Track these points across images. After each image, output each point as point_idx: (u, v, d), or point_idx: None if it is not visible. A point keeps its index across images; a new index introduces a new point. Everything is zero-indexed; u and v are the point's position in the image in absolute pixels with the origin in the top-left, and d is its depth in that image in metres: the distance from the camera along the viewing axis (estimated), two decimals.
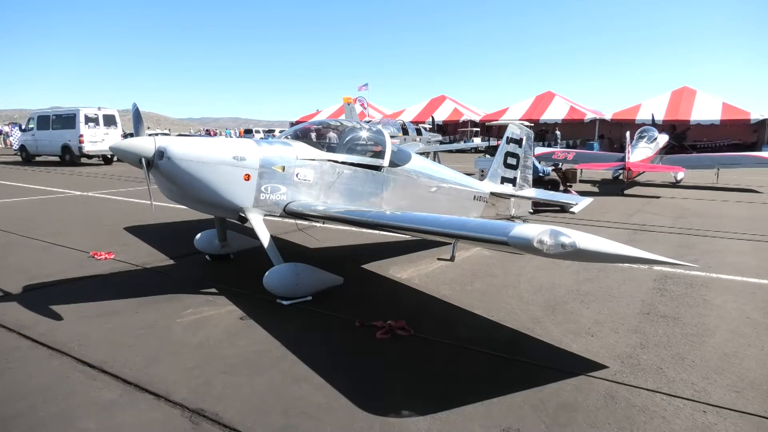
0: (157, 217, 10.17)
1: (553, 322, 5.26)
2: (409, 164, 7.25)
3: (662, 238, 9.40)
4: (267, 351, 4.51)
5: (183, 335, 4.85)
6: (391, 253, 7.99)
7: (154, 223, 10.08)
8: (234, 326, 5.05)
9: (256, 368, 4.23)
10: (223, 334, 4.88)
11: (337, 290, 6.03)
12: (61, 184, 17.79)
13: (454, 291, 6.22)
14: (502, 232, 3.99)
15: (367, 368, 4.25)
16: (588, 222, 10.86)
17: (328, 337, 4.84)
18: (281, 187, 6.02)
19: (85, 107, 26.32)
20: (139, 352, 4.49)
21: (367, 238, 9.03)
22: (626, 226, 10.49)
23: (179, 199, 5.97)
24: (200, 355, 4.44)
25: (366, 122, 14.69)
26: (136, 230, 9.53)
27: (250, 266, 7.14)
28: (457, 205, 7.98)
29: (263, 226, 5.91)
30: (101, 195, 14.90)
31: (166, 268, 7.12)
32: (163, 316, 5.28)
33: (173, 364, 4.30)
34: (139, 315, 5.33)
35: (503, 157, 9.18)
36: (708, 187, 17.63)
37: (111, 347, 4.58)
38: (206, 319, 5.24)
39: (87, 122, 25.81)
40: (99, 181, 19.34)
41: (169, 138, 5.88)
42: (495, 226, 4.24)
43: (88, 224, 10.32)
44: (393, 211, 6.18)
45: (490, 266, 7.39)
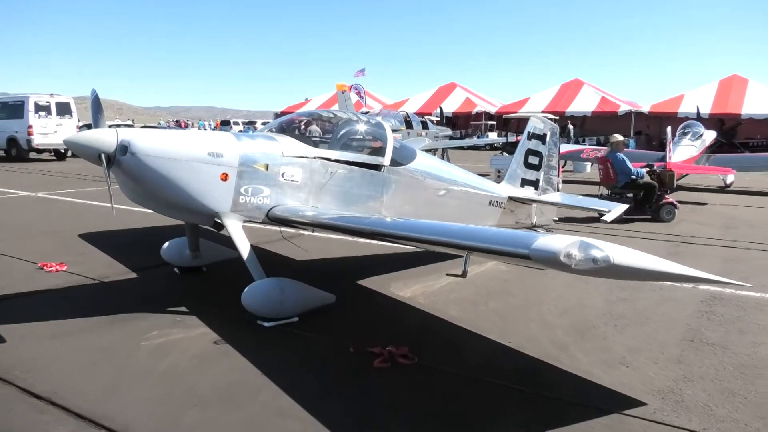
0: (118, 223, 10.18)
1: (581, 349, 5.25)
2: (414, 163, 7.26)
3: (708, 251, 9.41)
4: (245, 381, 4.50)
5: (147, 361, 4.83)
6: (392, 266, 7.99)
7: (114, 229, 10.08)
8: (207, 351, 5.03)
9: (232, 401, 4.21)
10: (194, 360, 4.86)
11: (329, 310, 6.02)
12: (6, 182, 17.81)
13: (465, 312, 6.21)
14: (523, 243, 3.98)
15: (363, 402, 4.23)
16: (620, 232, 10.88)
17: (318, 365, 4.82)
18: (264, 189, 6.03)
19: (35, 94, 26.38)
20: (95, 381, 4.47)
21: (363, 249, 9.02)
22: (666, 238, 10.51)
23: (144, 201, 5.97)
24: (167, 385, 4.42)
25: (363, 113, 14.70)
26: (93, 237, 9.53)
27: (227, 281, 7.13)
28: (470, 212, 7.99)
29: (242, 234, 5.91)
30: (53, 196, 14.91)
31: (128, 282, 7.11)
32: (124, 339, 5.27)
33: (135, 394, 4.27)
34: (96, 337, 5.31)
35: (524, 155, 9.20)
36: (762, 193, 17.67)
37: (62, 375, 4.56)
38: (174, 342, 5.23)
39: (37, 111, 25.87)
40: (50, 179, 19.34)
41: (133, 130, 5.89)
42: (514, 237, 4.24)
43: (37, 230, 10.32)
44: (395, 218, 6.19)
45: (507, 283, 7.39)
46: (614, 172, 12.94)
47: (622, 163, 12.91)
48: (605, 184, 13.41)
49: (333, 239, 9.52)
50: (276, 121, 7.27)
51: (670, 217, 12.45)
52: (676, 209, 12.61)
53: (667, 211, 12.52)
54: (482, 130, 47.46)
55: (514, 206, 8.77)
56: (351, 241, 9.32)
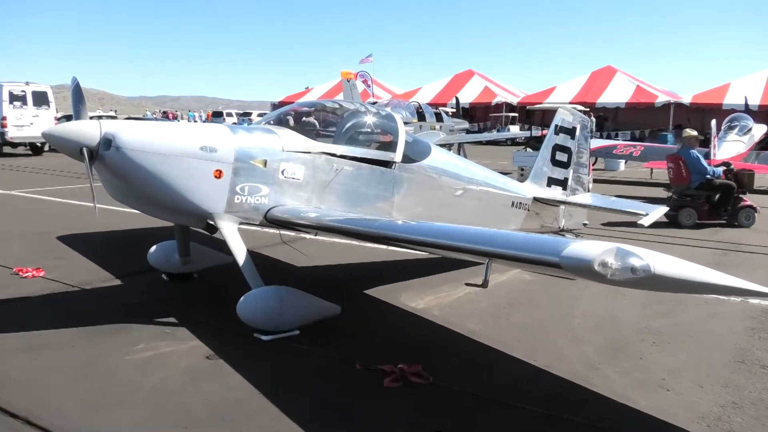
0: (101, 224, 10.21)
1: (616, 369, 5.22)
2: (428, 159, 7.26)
3: (760, 261, 9.33)
4: (240, 400, 4.50)
5: (133, 377, 4.84)
6: (404, 274, 7.98)
7: (96, 231, 10.13)
8: (198, 367, 5.04)
9: (226, 422, 4.21)
10: (185, 376, 4.87)
11: (333, 322, 6.01)
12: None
13: (485, 326, 6.19)
14: (552, 250, 3.96)
15: (371, 426, 4.22)
16: (659, 238, 10.81)
17: (321, 384, 4.81)
18: (262, 188, 6.03)
19: (9, 82, 26.59)
20: (75, 398, 4.48)
21: (371, 254, 9.02)
22: (712, 245, 10.43)
23: (130, 200, 5.99)
24: (154, 404, 4.43)
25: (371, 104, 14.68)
26: (73, 240, 9.58)
27: (220, 289, 7.14)
28: (490, 214, 7.97)
29: (238, 237, 5.92)
30: (29, 194, 15.01)
31: (112, 289, 7.13)
32: (108, 352, 5.28)
33: (120, 414, 4.28)
34: (77, 350, 5.33)
35: (551, 151, 9.16)
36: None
37: (39, 391, 4.58)
38: (163, 356, 5.24)
39: (12, 101, 26.07)
40: (26, 176, 19.48)
41: (118, 122, 5.92)
42: (542, 243, 4.22)
43: (12, 232, 10.39)
44: (407, 221, 6.17)
45: (532, 294, 7.37)
46: (687, 171, 12.48)
47: (696, 161, 12.41)
48: (676, 186, 12.91)
49: (338, 244, 9.52)
50: (274, 113, 7.27)
51: (750, 222, 12.08)
52: (756, 213, 12.19)
53: (746, 215, 12.16)
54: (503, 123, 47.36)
55: (539, 208, 8.73)
56: (358, 246, 9.31)
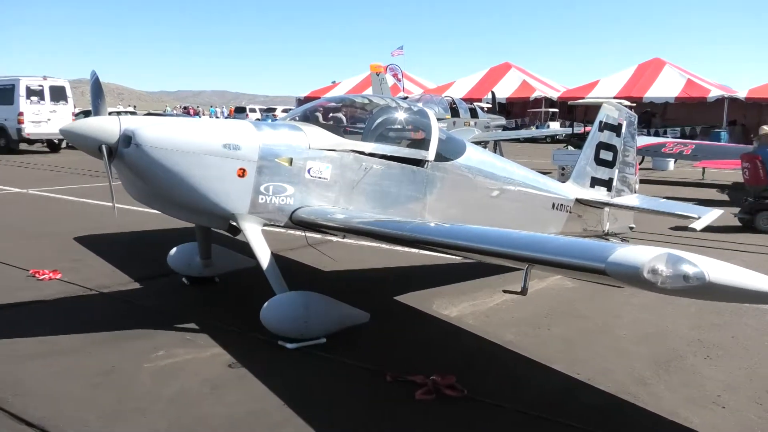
0: (120, 225, 10.38)
1: (666, 384, 5.15)
2: (463, 158, 7.24)
3: None
4: (264, 412, 4.52)
5: (152, 386, 4.90)
6: (436, 280, 7.97)
7: (115, 232, 10.28)
8: (220, 376, 5.08)
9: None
10: (206, 386, 4.91)
11: (362, 330, 6.02)
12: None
13: (524, 336, 6.16)
14: (597, 255, 3.91)
15: None
16: (711, 243, 10.61)
17: (348, 396, 4.82)
18: (287, 187, 6.06)
19: (26, 76, 27.12)
20: (92, 408, 4.54)
21: (402, 258, 9.01)
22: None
23: (150, 200, 6.06)
24: (174, 414, 4.47)
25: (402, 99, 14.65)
26: (91, 241, 9.73)
27: (243, 294, 7.19)
28: (529, 216, 7.92)
29: (262, 239, 5.95)
30: (46, 193, 15.30)
31: (130, 293, 7.23)
32: (126, 359, 5.35)
33: (138, 424, 4.33)
34: (94, 356, 5.41)
35: (594, 149, 9.07)
36: None
37: (56, 400, 4.65)
38: (183, 364, 5.29)
39: (29, 96, 26.57)
40: (43, 174, 19.86)
41: (138, 119, 5.99)
42: (586, 247, 4.17)
43: (28, 232, 10.59)
44: (440, 223, 6.15)
45: (574, 303, 7.30)
46: (765, 171, 12.24)
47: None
48: (752, 187, 12.61)
49: (366, 247, 9.53)
50: (300, 109, 7.30)
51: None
52: None
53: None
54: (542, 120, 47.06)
55: (582, 210, 8.66)
56: (388, 249, 9.32)
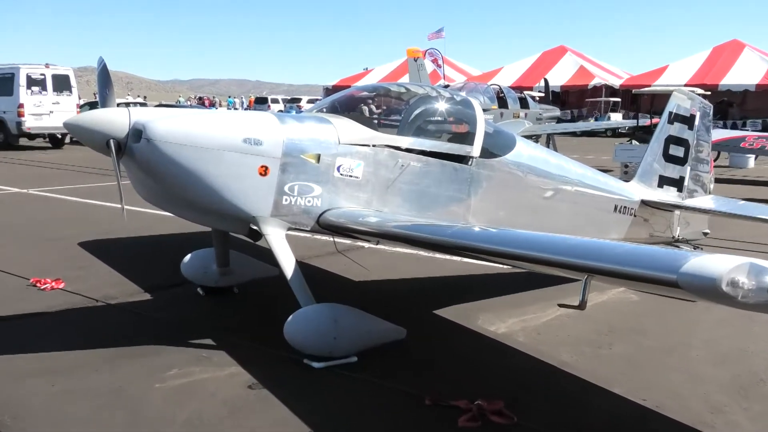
0: (129, 229, 10.52)
1: (746, 413, 5.05)
2: (512, 154, 7.19)
3: None
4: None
5: (164, 408, 4.94)
6: (482, 292, 7.93)
7: (123, 236, 10.43)
8: (239, 398, 5.11)
9: None
10: (223, 408, 4.94)
11: (397, 348, 6.01)
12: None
13: (582, 357, 6.10)
14: (667, 265, 3.86)
15: None
16: None
17: (382, 421, 4.81)
18: (314, 187, 6.08)
19: (26, 64, 27.66)
20: (99, 431, 4.60)
21: (443, 267, 8.99)
22: None
23: (161, 201, 6.13)
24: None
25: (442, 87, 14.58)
26: (97, 247, 9.88)
27: (264, 306, 7.23)
28: (588, 220, 7.86)
29: (286, 245, 5.98)
30: (47, 193, 15.57)
31: (140, 305, 7.32)
32: (135, 378, 5.41)
33: None
34: (101, 374, 5.48)
35: (663, 144, 8.96)
36: None
37: (58, 423, 4.71)
38: (198, 384, 5.33)
39: (29, 86, 27.09)
40: (44, 172, 20.21)
41: (149, 111, 6.06)
42: (655, 256, 4.12)
43: (28, 237, 10.78)
44: (485, 227, 6.12)
45: (639, 318, 7.22)
46: None
47: None
48: None
49: (402, 254, 9.53)
50: (328, 99, 7.32)
51: None
52: None
53: None
54: (602, 110, 46.62)
55: (648, 213, 8.56)
56: (427, 257, 9.29)
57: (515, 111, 24.00)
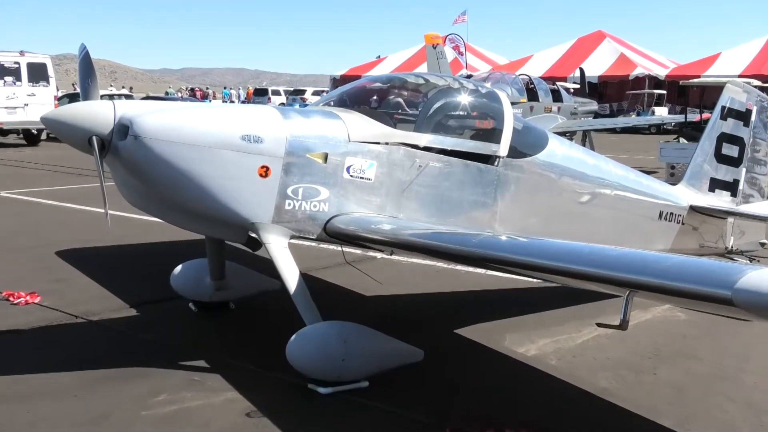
0: (113, 236, 10.50)
1: None
2: (544, 153, 7.19)
3: None
4: None
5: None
6: (509, 309, 7.92)
7: (107, 245, 10.44)
8: (236, 427, 5.11)
9: None
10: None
11: (414, 372, 5.99)
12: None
13: (622, 383, 6.08)
14: (721, 280, 3.85)
15: None
16: None
17: None
18: (321, 190, 6.09)
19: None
20: None
21: (465, 281, 8.98)
22: None
23: (150, 205, 6.15)
24: None
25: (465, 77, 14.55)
26: (77, 257, 9.92)
27: (264, 324, 7.23)
28: (630, 228, 7.85)
29: (289, 255, 5.98)
30: (21, 196, 15.62)
31: (125, 322, 7.33)
32: (119, 404, 5.41)
33: None
34: (81, 400, 5.48)
35: (715, 143, 8.93)
36: None
37: None
38: (190, 411, 5.34)
39: (2, 76, 27.22)
40: (18, 172, 20.31)
41: (136, 104, 6.09)
42: (707, 269, 4.10)
43: (0, 245, 10.80)
44: (514, 236, 6.10)
45: (688, 340, 7.19)
46: None
47: None
48: None
49: (419, 266, 9.52)
50: (336, 91, 7.33)
51: None
52: None
53: None
54: (645, 104, 46.45)
55: (698, 221, 8.54)
56: (447, 269, 9.29)
57: (547, 105, 23.98)
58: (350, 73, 56.51)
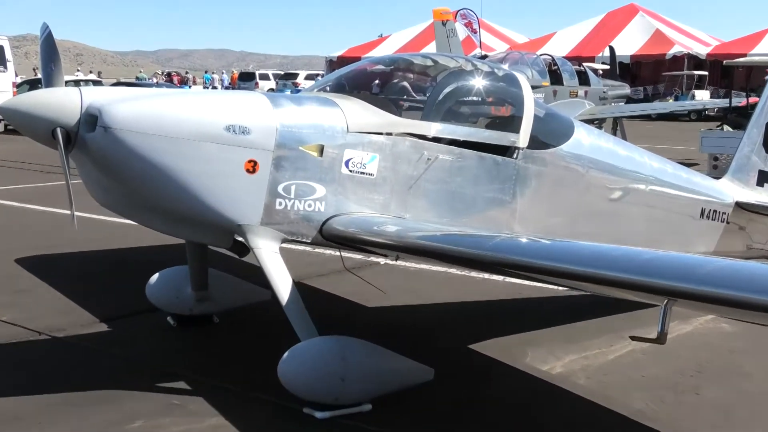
0: (80, 241, 10.54)
1: None
2: (570, 143, 7.20)
3: None
4: None
5: None
6: (531, 321, 7.94)
7: (73, 251, 10.46)
8: None
9: None
10: None
11: (423, 393, 5.98)
12: None
13: (661, 404, 6.07)
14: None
15: None
16: None
17: None
18: (316, 187, 6.09)
19: None
20: None
21: (480, 289, 9.00)
22: None
23: (122, 206, 6.16)
24: None
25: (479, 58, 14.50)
26: (39, 265, 9.91)
27: (253, 340, 7.23)
28: (667, 228, 7.87)
29: (280, 262, 5.98)
30: None
31: (95, 338, 7.33)
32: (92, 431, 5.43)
33: None
34: (45, 429, 5.47)
35: (764, 130, 8.93)
36: None
37: None
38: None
39: None
40: None
41: (105, 91, 6.09)
42: (757, 274, 4.11)
43: None
44: (536, 238, 6.10)
45: (734, 355, 7.20)
46: None
47: None
48: None
49: (428, 273, 9.54)
50: (334, 75, 7.34)
51: None
52: None
53: None
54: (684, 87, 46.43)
55: (744, 219, 8.57)
56: (460, 276, 9.29)
57: (572, 88, 23.96)
58: (349, 54, 56.55)
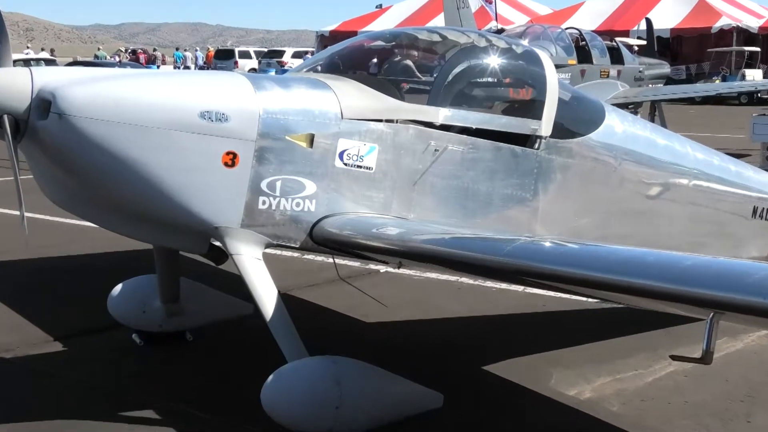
0: (31, 246, 10.51)
1: None
2: (600, 132, 7.22)
3: None
4: None
5: None
6: (555, 338, 7.95)
7: (22, 258, 10.45)
8: None
9: None
10: None
11: (430, 421, 5.99)
12: None
13: None
14: None
15: None
16: None
17: None
18: (306, 183, 6.09)
19: None
20: None
21: (497, 301, 9.02)
22: None
23: (79, 205, 6.16)
24: None
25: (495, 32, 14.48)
26: None
27: (231, 361, 7.24)
28: (714, 229, 7.91)
29: (264, 270, 5.98)
30: None
31: (49, 359, 7.34)
32: None
33: None
34: None
35: None
36: None
37: None
38: None
39: None
40: None
41: (60, 72, 6.08)
42: None
43: None
44: (562, 241, 6.11)
45: None
46: None
47: None
48: None
49: (436, 282, 9.57)
50: (325, 52, 7.35)
51: None
52: None
53: None
54: (732, 65, 46.47)
55: None
56: (472, 285, 9.32)
57: (603, 67, 23.97)
58: (342, 28, 56.62)
